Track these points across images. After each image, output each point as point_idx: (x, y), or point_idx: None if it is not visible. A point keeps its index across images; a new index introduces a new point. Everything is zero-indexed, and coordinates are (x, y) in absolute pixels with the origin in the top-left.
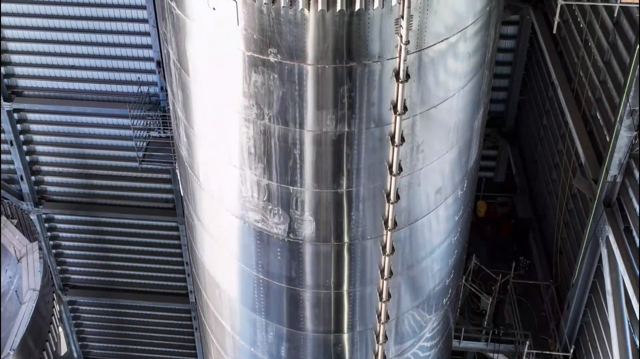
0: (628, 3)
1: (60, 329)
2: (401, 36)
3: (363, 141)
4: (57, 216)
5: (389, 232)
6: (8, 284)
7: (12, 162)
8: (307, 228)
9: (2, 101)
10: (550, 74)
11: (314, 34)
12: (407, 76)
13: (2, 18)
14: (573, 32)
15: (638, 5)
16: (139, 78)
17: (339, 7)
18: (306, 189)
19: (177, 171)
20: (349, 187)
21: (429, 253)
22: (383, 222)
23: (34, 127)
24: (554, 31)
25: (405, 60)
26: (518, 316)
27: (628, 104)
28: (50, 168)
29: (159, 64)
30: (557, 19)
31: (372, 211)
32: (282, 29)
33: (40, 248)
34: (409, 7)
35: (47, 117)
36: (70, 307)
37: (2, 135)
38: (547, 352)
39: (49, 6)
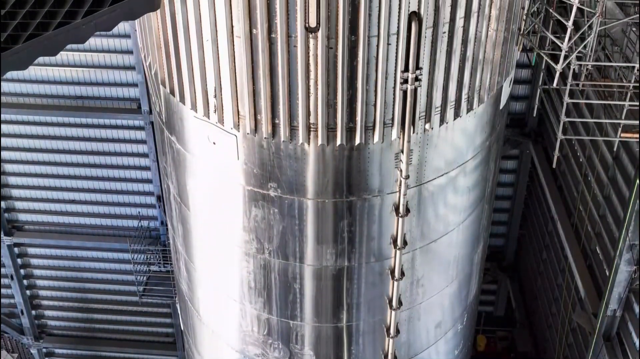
0: (627, 137)
1: None
2: (401, 170)
3: (363, 275)
4: (57, 350)
5: None
6: None
7: (12, 297)
8: None
9: (2, 235)
10: (550, 208)
11: (314, 169)
12: (407, 210)
13: (2, 153)
14: (573, 167)
15: (637, 140)
16: (139, 212)
17: (339, 142)
18: (306, 323)
19: (178, 305)
20: (349, 321)
21: None
22: (383, 356)
23: (34, 261)
24: (554, 165)
25: (405, 194)
26: None
27: (627, 239)
28: (51, 302)
29: (159, 198)
30: (556, 153)
31: (372, 345)
32: (282, 163)
33: None
34: (408, 141)
35: (48, 251)
36: None
37: (3, 269)
38: None
39: (48, 140)
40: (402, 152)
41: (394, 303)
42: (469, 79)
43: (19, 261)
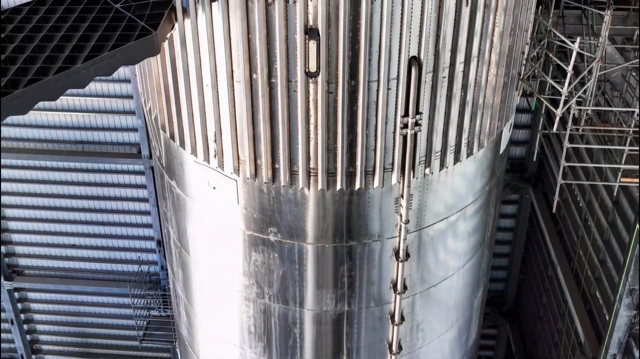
0: (627, 182)
1: None
2: (401, 215)
3: (363, 319)
4: None
5: None
6: None
7: (12, 341)
8: None
9: (2, 280)
10: (550, 253)
11: (314, 213)
12: (407, 255)
13: (2, 197)
14: (572, 211)
15: (637, 185)
16: (139, 257)
17: (338, 187)
18: None
19: (178, 350)
20: None
21: None
22: None
23: (34, 306)
24: (554, 210)
25: (405, 239)
26: None
27: (627, 283)
28: (51, 347)
29: (159, 243)
30: (556, 198)
31: None
32: (282, 208)
33: None
34: (408, 186)
35: (48, 296)
36: None
37: (3, 314)
38: None
39: (48, 185)
40: (402, 196)
41: (394, 348)
42: (468, 124)
43: (19, 305)
